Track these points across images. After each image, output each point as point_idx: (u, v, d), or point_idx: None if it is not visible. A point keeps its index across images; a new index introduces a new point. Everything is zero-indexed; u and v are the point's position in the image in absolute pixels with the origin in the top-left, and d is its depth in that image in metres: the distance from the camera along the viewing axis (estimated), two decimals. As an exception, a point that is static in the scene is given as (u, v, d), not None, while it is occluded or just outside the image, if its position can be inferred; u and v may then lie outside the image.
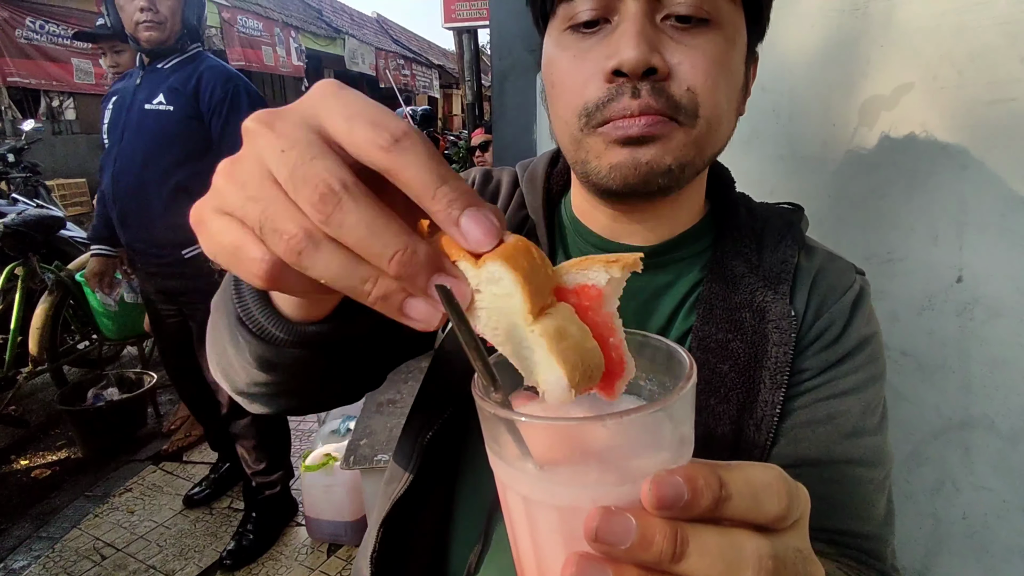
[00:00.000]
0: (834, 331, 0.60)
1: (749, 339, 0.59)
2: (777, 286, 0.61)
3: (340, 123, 0.27)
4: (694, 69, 0.52)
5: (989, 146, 0.81)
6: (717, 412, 0.58)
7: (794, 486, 0.29)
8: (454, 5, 5.27)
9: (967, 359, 0.87)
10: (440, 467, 0.67)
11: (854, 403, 0.59)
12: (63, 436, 3.20)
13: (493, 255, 0.27)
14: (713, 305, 0.61)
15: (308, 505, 2.23)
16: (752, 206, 0.69)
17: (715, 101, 0.54)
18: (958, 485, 0.92)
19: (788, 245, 0.64)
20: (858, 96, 0.94)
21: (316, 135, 0.27)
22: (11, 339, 2.99)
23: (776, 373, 0.58)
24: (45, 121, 9.28)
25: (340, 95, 0.28)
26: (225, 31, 10.47)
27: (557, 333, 0.27)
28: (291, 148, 0.27)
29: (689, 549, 0.25)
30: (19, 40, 9.06)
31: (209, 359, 0.55)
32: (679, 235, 0.65)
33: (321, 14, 16.04)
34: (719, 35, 0.54)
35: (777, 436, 0.59)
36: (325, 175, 0.26)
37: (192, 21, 2.06)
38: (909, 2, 0.87)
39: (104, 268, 2.45)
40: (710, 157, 0.59)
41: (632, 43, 0.51)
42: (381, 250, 0.26)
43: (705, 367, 0.59)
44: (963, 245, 0.85)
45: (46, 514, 2.56)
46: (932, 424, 0.92)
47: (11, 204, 3.67)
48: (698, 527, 0.25)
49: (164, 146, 2.05)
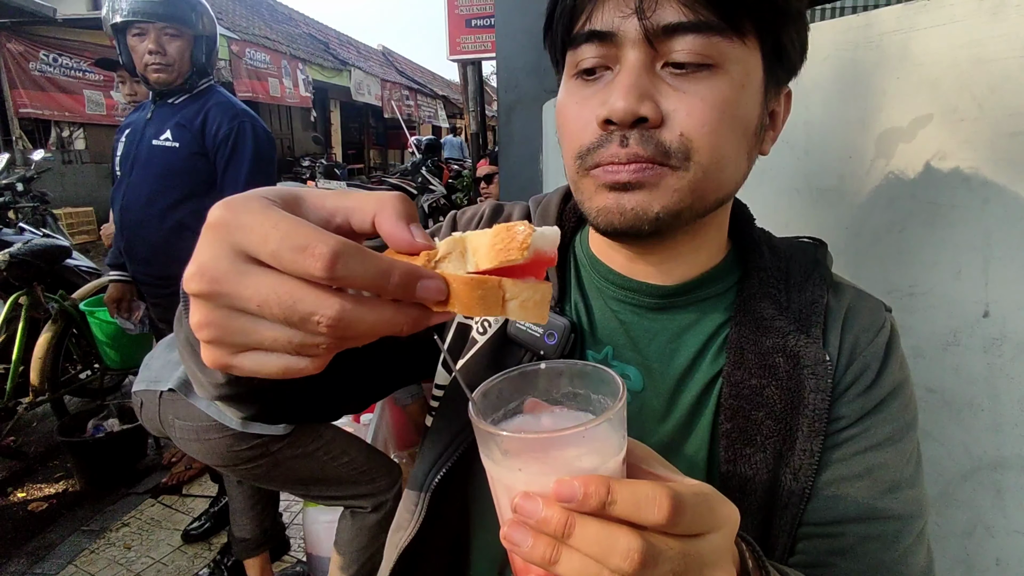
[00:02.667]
0: (869, 375, 0.59)
1: (784, 385, 0.57)
2: (809, 329, 0.60)
3: (278, 251, 0.31)
4: (689, 115, 0.52)
5: (1013, 179, 0.80)
6: (753, 461, 0.56)
7: (699, 504, 0.35)
8: (459, 38, 5.36)
9: (996, 397, 0.84)
10: (449, 514, 0.65)
11: (891, 455, 0.58)
12: (62, 468, 3.15)
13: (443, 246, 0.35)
14: (744, 349, 0.59)
15: (310, 543, 2.18)
16: (774, 243, 0.68)
17: (712, 145, 0.53)
18: (991, 529, 0.88)
19: (816, 284, 0.63)
20: (875, 128, 0.93)
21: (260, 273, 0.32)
22: (12, 369, 2.96)
23: (814, 421, 0.56)
24: (55, 151, 9.41)
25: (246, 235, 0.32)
26: (233, 63, 10.69)
27: None
28: (259, 281, 0.32)
29: (575, 532, 0.33)
30: (32, 72, 9.26)
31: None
32: (701, 275, 0.64)
33: (328, 46, 16.40)
34: (723, 79, 0.52)
35: (816, 488, 0.56)
36: (316, 258, 0.30)
37: (201, 60, 2.09)
38: (925, 35, 0.86)
39: (121, 294, 2.50)
40: (715, 201, 0.57)
41: (622, 94, 0.51)
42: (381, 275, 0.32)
43: (739, 414, 0.57)
44: (988, 280, 0.83)
45: (41, 549, 2.50)
46: (962, 465, 0.89)
47: (18, 233, 3.68)
48: (587, 518, 0.34)
49: (169, 182, 2.07)
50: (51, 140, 9.71)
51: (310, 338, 0.31)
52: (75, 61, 9.64)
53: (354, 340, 0.33)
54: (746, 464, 0.56)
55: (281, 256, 0.30)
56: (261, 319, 0.32)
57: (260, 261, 0.31)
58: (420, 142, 9.52)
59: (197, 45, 2.07)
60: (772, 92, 0.58)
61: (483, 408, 0.40)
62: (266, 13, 15.32)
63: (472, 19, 5.23)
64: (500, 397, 0.42)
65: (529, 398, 0.42)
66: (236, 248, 0.31)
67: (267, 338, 0.32)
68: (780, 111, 0.62)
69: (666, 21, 0.50)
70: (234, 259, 0.31)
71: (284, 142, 15.30)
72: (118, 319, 2.64)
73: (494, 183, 4.45)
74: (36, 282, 3.08)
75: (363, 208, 0.35)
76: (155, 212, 2.08)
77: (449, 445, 0.62)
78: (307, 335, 0.31)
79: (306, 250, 0.29)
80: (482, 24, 5.20)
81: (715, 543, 0.36)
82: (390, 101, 16.95)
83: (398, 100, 17.62)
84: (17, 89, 9.11)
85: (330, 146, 15.76)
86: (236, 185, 2.03)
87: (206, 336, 0.33)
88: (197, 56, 2.08)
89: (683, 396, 0.61)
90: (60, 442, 2.93)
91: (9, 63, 9.00)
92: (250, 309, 0.31)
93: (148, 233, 2.11)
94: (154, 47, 2.00)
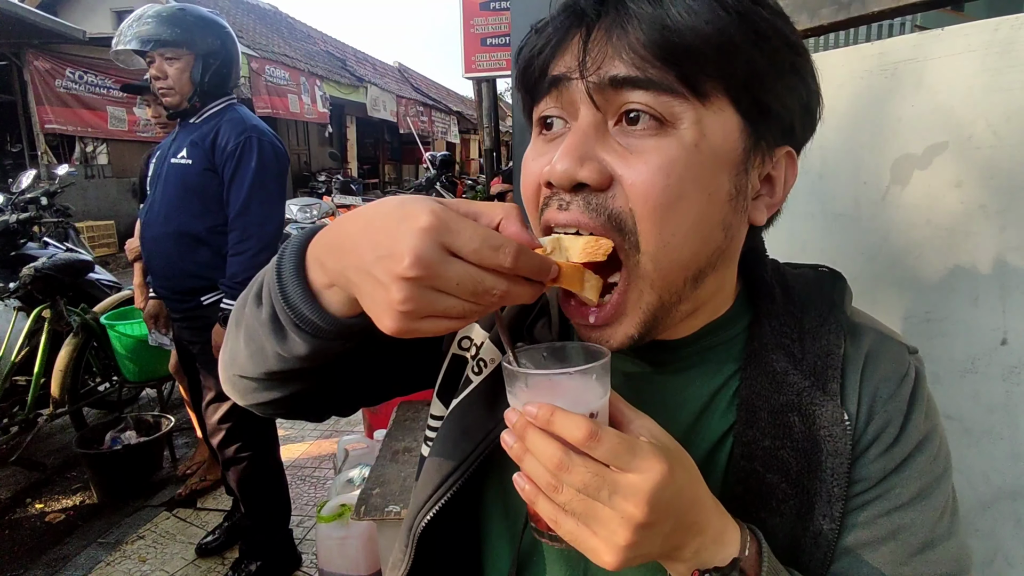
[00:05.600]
0: (892, 431, 0.55)
1: (800, 447, 0.54)
2: (826, 384, 0.55)
3: (479, 249, 0.43)
4: (633, 185, 0.48)
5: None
6: (769, 525, 0.53)
7: (619, 442, 0.43)
8: (474, 56, 5.42)
9: (1016, 426, 0.83)
10: (441, 558, 0.63)
11: (919, 513, 0.54)
12: (79, 479, 3.19)
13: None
14: (756, 407, 0.55)
15: (322, 559, 2.18)
16: (788, 284, 0.63)
17: (660, 220, 0.48)
18: (1011, 559, 0.86)
19: (832, 331, 0.58)
20: (889, 155, 0.94)
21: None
22: (34, 381, 3.02)
23: (833, 485, 0.53)
24: (79, 165, 9.61)
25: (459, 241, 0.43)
26: (253, 80, 10.89)
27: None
28: (463, 270, 0.42)
29: (527, 437, 0.45)
30: (58, 89, 9.51)
31: (227, 350, 0.61)
32: (709, 324, 0.60)
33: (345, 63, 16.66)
34: (672, 139, 0.47)
35: (837, 554, 0.54)
36: (503, 253, 0.42)
37: (198, 79, 2.08)
38: (940, 64, 0.87)
39: (159, 309, 2.61)
40: (693, 279, 0.52)
41: (562, 155, 0.48)
42: (546, 271, 0.45)
43: (752, 477, 0.54)
44: (1006, 308, 0.83)
45: (57, 561, 2.53)
46: (981, 493, 0.88)
47: (42, 247, 3.76)
48: (536, 430, 0.45)
49: (184, 199, 2.11)
50: (75, 155, 9.93)
51: (480, 307, 0.43)
52: (100, 78, 9.89)
53: (502, 303, 0.44)
54: (761, 529, 0.52)
55: (482, 253, 0.41)
56: (450, 295, 0.42)
57: (455, 254, 0.42)
58: (435, 157, 9.60)
59: (196, 65, 2.08)
60: (760, 156, 0.53)
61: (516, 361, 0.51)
62: (285, 31, 15.63)
63: (487, 38, 5.29)
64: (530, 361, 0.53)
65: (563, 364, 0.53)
66: (444, 246, 0.41)
67: (449, 307, 0.43)
68: (779, 176, 0.56)
69: (612, 74, 0.47)
70: (442, 253, 0.41)
71: (301, 157, 15.52)
72: (153, 334, 2.71)
73: (506, 200, 4.47)
74: (59, 296, 3.14)
75: (490, 213, 0.45)
76: (172, 228, 2.12)
77: (440, 486, 0.60)
78: (478, 304, 0.43)
79: (500, 249, 0.42)
80: (497, 43, 5.25)
81: (632, 480, 0.43)
82: (405, 117, 17.14)
83: (413, 116, 17.83)
84: (43, 105, 9.35)
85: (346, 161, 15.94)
86: (239, 198, 2.04)
87: (406, 308, 0.42)
88: (195, 76, 2.08)
89: (690, 452, 0.55)
90: (78, 454, 2.97)
91: (36, 80, 9.26)
92: (448, 289, 0.42)
93: (166, 248, 2.15)
94: (156, 72, 2.05)
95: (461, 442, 0.61)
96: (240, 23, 12.79)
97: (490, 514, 0.65)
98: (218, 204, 2.10)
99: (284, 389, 0.60)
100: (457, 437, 0.62)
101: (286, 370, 0.55)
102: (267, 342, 0.53)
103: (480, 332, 0.67)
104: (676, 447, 0.48)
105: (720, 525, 0.49)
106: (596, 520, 0.44)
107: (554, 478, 0.44)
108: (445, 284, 0.41)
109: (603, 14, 0.49)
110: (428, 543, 0.61)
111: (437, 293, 0.42)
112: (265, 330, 0.53)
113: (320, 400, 0.66)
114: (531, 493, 0.46)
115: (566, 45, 0.51)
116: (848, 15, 1.01)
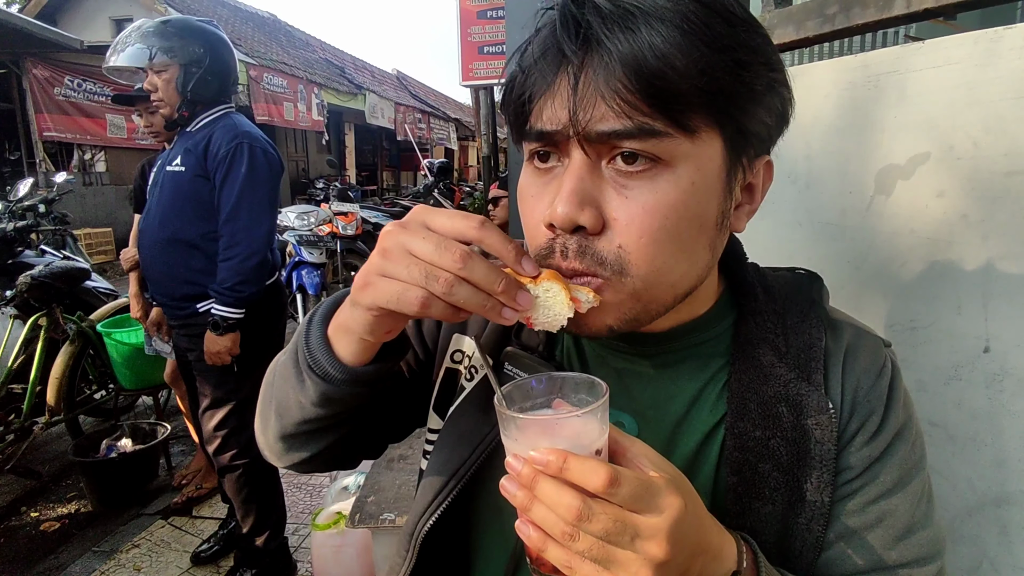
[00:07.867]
0: (875, 421, 0.58)
1: (789, 436, 0.56)
2: (810, 376, 0.58)
3: (445, 220, 0.48)
4: (628, 226, 0.49)
5: (1011, 217, 0.81)
6: (763, 514, 0.55)
7: (638, 485, 0.42)
8: (472, 64, 5.44)
9: (999, 433, 0.84)
10: (441, 562, 0.64)
11: (901, 499, 0.57)
12: (75, 488, 3.18)
13: (543, 277, 0.49)
14: (746, 399, 0.58)
15: (317, 567, 2.18)
16: (768, 284, 0.66)
17: (652, 255, 0.50)
18: (996, 565, 0.87)
19: (813, 325, 0.61)
20: (874, 165, 0.95)
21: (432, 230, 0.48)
22: (30, 389, 3.01)
23: (822, 472, 0.55)
24: (77, 173, 9.62)
25: (435, 210, 0.50)
26: (252, 88, 10.91)
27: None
28: (426, 238, 0.47)
29: (538, 487, 0.43)
30: (57, 97, 9.52)
31: (259, 415, 0.66)
32: (694, 319, 0.63)
33: (343, 71, 16.70)
34: (668, 180, 0.49)
35: (828, 540, 0.56)
36: (461, 247, 0.46)
37: (180, 89, 2.09)
38: (921, 76, 0.88)
39: (162, 318, 2.64)
40: (672, 299, 0.54)
41: (563, 199, 0.49)
42: (494, 282, 0.47)
43: (745, 467, 0.56)
44: (988, 316, 0.84)
45: (52, 570, 2.52)
46: (966, 500, 0.88)
47: (39, 255, 3.76)
48: (548, 478, 0.43)
49: (177, 205, 2.12)
50: (73, 163, 9.94)
51: (429, 283, 0.46)
52: (98, 86, 9.90)
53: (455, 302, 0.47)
54: (755, 518, 0.55)
55: (448, 229, 0.47)
56: (411, 261, 0.46)
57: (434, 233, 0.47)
58: (433, 164, 9.64)
59: (179, 75, 2.08)
60: (742, 171, 0.55)
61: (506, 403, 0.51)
62: (284, 39, 15.67)
63: (484, 46, 5.32)
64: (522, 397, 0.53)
65: (556, 397, 0.52)
66: (424, 223, 0.48)
67: (403, 272, 0.46)
68: (758, 183, 0.58)
69: (600, 129, 0.48)
70: (421, 225, 0.48)
71: (299, 164, 15.53)
72: (155, 342, 2.73)
73: (500, 206, 4.48)
74: (55, 303, 3.14)
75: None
76: (167, 234, 2.14)
77: (440, 491, 0.61)
78: (428, 280, 0.46)
79: (469, 227, 0.47)
80: (494, 51, 5.28)
81: (653, 523, 0.42)
82: (403, 124, 17.18)
83: (411, 123, 17.86)
84: (42, 113, 9.36)
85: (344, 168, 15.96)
86: (228, 203, 2.05)
87: (374, 270, 0.48)
88: (179, 86, 2.09)
89: (681, 444, 0.60)
90: (74, 462, 2.97)
91: (35, 88, 9.27)
92: (412, 249, 0.46)
93: (161, 255, 2.17)
94: (147, 86, 2.09)
95: (458, 447, 0.62)
96: (238, 31, 12.83)
97: (482, 516, 0.66)
98: (211, 211, 2.11)
99: (315, 445, 0.63)
100: (454, 442, 0.63)
101: (310, 419, 0.59)
102: (290, 390, 0.58)
103: (470, 343, 0.69)
104: (677, 472, 0.48)
105: (719, 541, 0.50)
106: (616, 564, 0.42)
107: (570, 527, 0.42)
108: (410, 243, 0.47)
109: (586, 53, 0.48)
110: (427, 548, 0.62)
111: (404, 256, 0.47)
112: (289, 375, 0.59)
113: (350, 450, 0.70)
114: (539, 541, 0.44)
115: (553, 91, 0.50)
116: (833, 27, 1.03)
